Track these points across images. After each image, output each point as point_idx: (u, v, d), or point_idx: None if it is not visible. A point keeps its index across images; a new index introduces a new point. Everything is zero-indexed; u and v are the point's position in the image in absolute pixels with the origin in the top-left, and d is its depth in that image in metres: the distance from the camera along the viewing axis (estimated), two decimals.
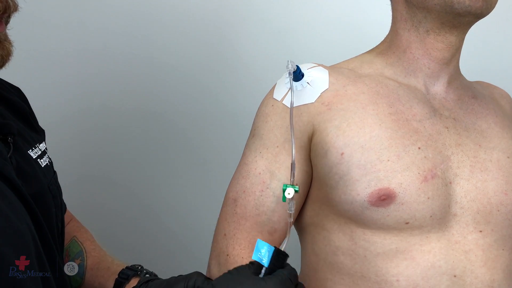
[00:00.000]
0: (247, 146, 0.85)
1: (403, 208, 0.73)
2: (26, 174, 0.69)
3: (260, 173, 0.80)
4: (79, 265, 0.87)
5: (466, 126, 0.81)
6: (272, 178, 0.80)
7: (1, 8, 0.63)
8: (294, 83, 0.79)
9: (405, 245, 0.75)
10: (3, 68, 0.66)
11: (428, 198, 0.74)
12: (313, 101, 0.79)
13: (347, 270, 0.78)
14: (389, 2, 0.85)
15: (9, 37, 0.66)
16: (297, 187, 0.71)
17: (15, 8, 0.65)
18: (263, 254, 0.64)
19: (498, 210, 0.77)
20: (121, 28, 1.33)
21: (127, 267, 0.81)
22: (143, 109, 1.36)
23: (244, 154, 0.84)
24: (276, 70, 0.95)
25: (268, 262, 0.64)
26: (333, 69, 0.83)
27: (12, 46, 0.66)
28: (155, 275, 0.80)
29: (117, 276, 0.80)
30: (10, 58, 0.66)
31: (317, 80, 0.80)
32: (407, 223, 0.74)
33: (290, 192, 0.70)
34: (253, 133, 0.84)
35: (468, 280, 0.75)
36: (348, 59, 0.88)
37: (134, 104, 1.36)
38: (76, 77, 1.33)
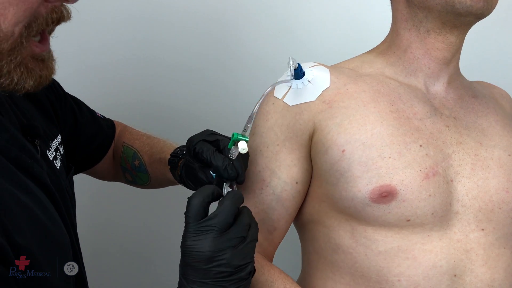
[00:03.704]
0: None
1: (405, 205, 0.73)
2: (50, 178, 0.69)
3: (260, 171, 0.80)
4: (139, 165, 0.94)
5: (467, 124, 0.81)
6: (272, 177, 0.80)
7: (55, 18, 0.59)
8: (295, 81, 0.79)
9: (407, 243, 0.75)
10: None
11: (430, 195, 0.74)
12: (314, 99, 0.79)
13: (347, 269, 0.78)
14: (389, 2, 0.85)
15: (53, 52, 0.63)
16: (247, 138, 0.71)
17: (68, 17, 0.61)
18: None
19: (500, 208, 0.77)
20: (128, 31, 1.34)
21: (171, 155, 0.86)
22: (146, 105, 1.37)
23: None
24: (278, 70, 0.95)
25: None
26: (334, 68, 0.83)
27: (55, 62, 0.63)
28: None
29: (169, 167, 0.86)
30: (52, 77, 0.63)
31: (318, 78, 0.80)
32: (408, 220, 0.74)
33: (244, 148, 0.70)
34: (253, 131, 0.84)
35: (467, 279, 0.75)
36: (349, 59, 0.88)
37: (139, 100, 1.37)
38: (84, 79, 1.33)
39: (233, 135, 0.71)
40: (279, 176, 0.79)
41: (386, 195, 0.73)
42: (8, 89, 0.58)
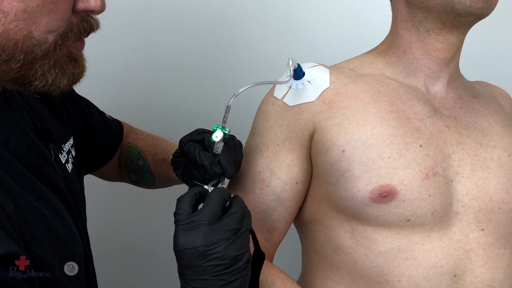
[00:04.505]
0: (247, 144, 0.85)
1: (405, 205, 0.73)
2: (64, 183, 0.69)
3: (260, 171, 0.80)
4: (143, 166, 0.94)
5: (467, 125, 0.81)
6: (272, 177, 0.80)
7: (87, 27, 0.61)
8: (295, 82, 0.79)
9: (407, 243, 0.75)
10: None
11: (429, 195, 0.74)
12: (314, 100, 0.79)
13: (347, 269, 0.78)
14: (389, 3, 0.85)
15: (83, 52, 0.65)
16: (228, 130, 0.70)
17: (98, 26, 0.64)
18: None
19: (500, 208, 0.77)
20: (129, 33, 1.34)
21: (173, 155, 0.84)
22: (150, 106, 1.38)
23: (244, 152, 0.84)
24: (280, 69, 0.95)
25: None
26: (334, 68, 0.83)
27: (85, 61, 0.65)
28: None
29: (172, 168, 0.84)
30: (84, 74, 0.64)
31: (318, 78, 0.80)
32: (408, 220, 0.74)
33: (218, 135, 0.69)
34: (253, 131, 0.84)
35: (467, 279, 0.75)
36: (349, 59, 0.88)
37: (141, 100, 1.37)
38: (89, 80, 1.34)
39: (214, 126, 0.70)
40: (279, 176, 0.79)
41: (386, 195, 0.73)
42: (43, 91, 0.60)
